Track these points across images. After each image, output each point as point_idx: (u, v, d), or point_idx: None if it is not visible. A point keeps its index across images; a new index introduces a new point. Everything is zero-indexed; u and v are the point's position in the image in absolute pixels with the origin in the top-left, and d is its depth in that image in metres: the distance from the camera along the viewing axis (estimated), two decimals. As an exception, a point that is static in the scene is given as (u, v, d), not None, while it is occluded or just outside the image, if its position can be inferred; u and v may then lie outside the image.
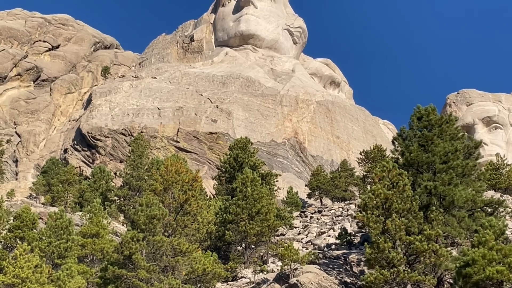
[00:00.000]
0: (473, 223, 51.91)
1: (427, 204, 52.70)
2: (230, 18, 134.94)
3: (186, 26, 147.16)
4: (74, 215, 78.96)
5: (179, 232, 52.67)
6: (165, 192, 54.50)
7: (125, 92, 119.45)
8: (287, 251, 55.54)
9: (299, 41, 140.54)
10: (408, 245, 47.71)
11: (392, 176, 51.01)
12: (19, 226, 63.24)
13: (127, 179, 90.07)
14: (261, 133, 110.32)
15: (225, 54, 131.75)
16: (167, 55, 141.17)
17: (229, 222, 63.53)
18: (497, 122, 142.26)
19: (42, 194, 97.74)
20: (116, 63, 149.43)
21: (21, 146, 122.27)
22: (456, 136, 57.45)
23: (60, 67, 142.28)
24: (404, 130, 59.59)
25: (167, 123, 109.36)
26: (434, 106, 58.88)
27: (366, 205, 49.99)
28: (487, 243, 42.89)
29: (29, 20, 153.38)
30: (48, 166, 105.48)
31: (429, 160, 55.23)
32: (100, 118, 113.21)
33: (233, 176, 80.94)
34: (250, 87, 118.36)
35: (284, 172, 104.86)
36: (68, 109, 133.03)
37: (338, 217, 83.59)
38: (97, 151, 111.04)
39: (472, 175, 56.87)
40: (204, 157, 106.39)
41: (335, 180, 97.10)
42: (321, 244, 70.20)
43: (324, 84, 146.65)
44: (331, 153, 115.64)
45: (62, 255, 57.43)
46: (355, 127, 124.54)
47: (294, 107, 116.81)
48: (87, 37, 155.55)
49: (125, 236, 50.15)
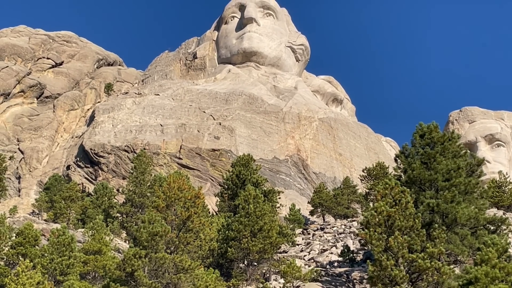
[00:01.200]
0: (476, 241, 51.85)
1: (429, 221, 52.67)
2: (233, 35, 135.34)
3: (189, 43, 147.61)
4: (77, 232, 78.91)
5: (182, 249, 52.63)
6: (168, 209, 54.52)
7: (128, 109, 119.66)
8: (290, 268, 55.49)
9: (302, 59, 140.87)
10: (411, 263, 47.64)
11: (395, 193, 51.01)
12: (21, 242, 63.29)
13: (129, 195, 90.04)
14: (263, 150, 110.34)
15: (228, 71, 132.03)
16: (170, 72, 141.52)
17: (231, 239, 63.42)
18: (500, 140, 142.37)
19: (45, 211, 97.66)
20: (119, 80, 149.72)
21: (24, 163, 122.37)
22: (458, 154, 57.52)
23: (63, 84, 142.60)
24: (406, 148, 59.68)
25: (169, 140, 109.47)
26: (436, 124, 59.01)
27: (369, 223, 49.98)
28: (490, 261, 42.79)
29: (33, 37, 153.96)
30: (51, 182, 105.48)
31: (431, 177, 55.27)
32: (103, 135, 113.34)
33: (236, 193, 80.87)
34: (253, 104, 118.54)
35: (287, 189, 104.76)
36: (71, 125, 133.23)
37: (341, 234, 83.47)
38: (100, 168, 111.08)
39: (475, 193, 56.88)
40: (206, 174, 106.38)
41: (337, 197, 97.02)
42: (324, 262, 70.08)
43: (327, 101, 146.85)
44: (333, 170, 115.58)
45: (64, 272, 57.37)
46: (358, 144, 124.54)
47: (297, 124, 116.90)
48: (90, 54, 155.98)
49: (127, 253, 50.12)
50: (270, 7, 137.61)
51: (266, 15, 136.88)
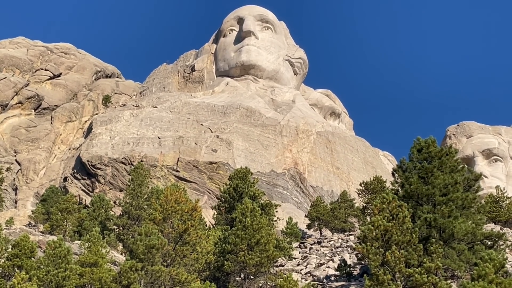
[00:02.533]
0: (473, 256, 51.82)
1: (426, 236, 52.65)
2: (231, 48, 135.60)
3: (187, 56, 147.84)
4: (73, 244, 78.64)
5: (178, 262, 52.55)
6: (165, 221, 54.47)
7: (125, 121, 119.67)
8: (286, 282, 55.33)
9: (300, 72, 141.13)
10: (408, 278, 47.58)
11: (392, 207, 51.01)
12: (17, 254, 63.01)
13: (126, 208, 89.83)
14: (261, 163, 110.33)
15: (226, 84, 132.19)
16: (168, 85, 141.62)
17: (228, 252, 63.29)
18: (497, 155, 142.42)
19: (41, 223, 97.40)
20: (117, 92, 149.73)
21: (21, 174, 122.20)
22: (456, 169, 57.56)
23: (61, 96, 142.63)
24: (404, 162, 59.73)
25: (167, 152, 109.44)
26: (434, 138, 59.10)
27: (366, 237, 49.94)
28: (487, 276, 42.75)
29: (31, 49, 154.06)
30: (48, 194, 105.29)
31: (429, 192, 55.27)
32: (100, 147, 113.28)
33: (233, 206, 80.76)
34: (251, 117, 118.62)
35: (284, 202, 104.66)
36: (68, 137, 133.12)
37: (338, 248, 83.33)
38: (97, 180, 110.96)
39: (472, 208, 56.88)
40: (204, 187, 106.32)
41: (334, 211, 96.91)
42: (320, 276, 69.92)
43: (325, 115, 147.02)
44: (331, 184, 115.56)
45: (60, 284, 57.13)
46: (355, 158, 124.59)
47: (294, 138, 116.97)
48: (88, 66, 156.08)
49: (123, 266, 50.01)
50: (269, 21, 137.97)
51: (265, 29, 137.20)
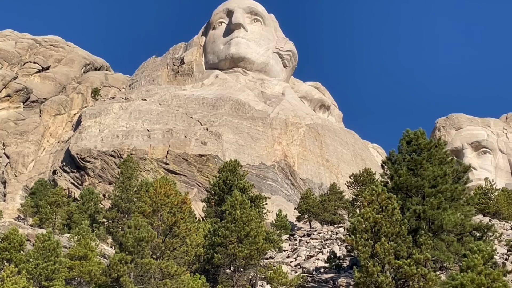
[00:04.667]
0: (462, 247, 52.03)
1: (416, 228, 52.81)
2: (220, 41, 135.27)
3: (176, 48, 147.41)
4: (62, 237, 78.47)
5: (168, 254, 52.52)
6: (154, 214, 54.40)
7: (114, 114, 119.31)
8: (276, 274, 55.47)
9: (289, 64, 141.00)
10: (397, 269, 47.71)
11: (381, 199, 51.11)
12: (6, 247, 62.91)
13: (116, 201, 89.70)
14: (250, 155, 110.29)
15: (215, 76, 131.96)
16: (157, 77, 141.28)
17: (217, 245, 63.28)
18: (486, 147, 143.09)
19: (30, 216, 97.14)
20: (106, 84, 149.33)
21: (10, 167, 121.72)
22: (445, 160, 57.73)
23: (50, 89, 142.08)
24: (393, 154, 59.83)
25: (156, 145, 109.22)
26: (423, 130, 59.21)
27: (355, 229, 50.04)
28: (476, 268, 42.91)
29: (20, 41, 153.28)
30: (37, 187, 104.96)
31: (418, 184, 55.43)
32: (89, 140, 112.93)
33: (222, 199, 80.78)
34: (240, 109, 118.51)
35: (274, 195, 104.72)
36: (57, 130, 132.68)
37: (327, 240, 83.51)
38: (86, 173, 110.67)
39: (461, 200, 57.11)
40: (193, 180, 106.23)
41: (324, 204, 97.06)
42: (310, 268, 70.05)
43: (314, 107, 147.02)
44: (320, 176, 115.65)
45: (50, 277, 57.03)
46: (345, 151, 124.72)
47: (284, 130, 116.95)
48: (77, 58, 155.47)
49: (113, 259, 49.96)
50: (258, 13, 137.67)
51: (254, 21, 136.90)
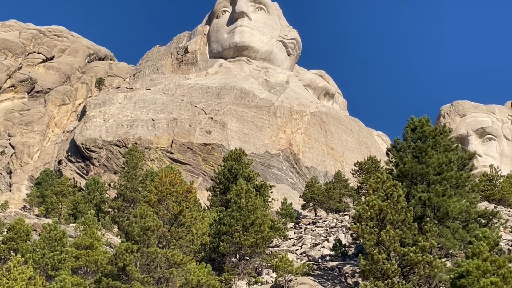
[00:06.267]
0: (467, 234, 52.01)
1: (421, 215, 52.80)
2: (224, 29, 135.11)
3: (180, 37, 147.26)
4: (68, 227, 78.75)
5: (173, 243, 52.59)
6: (159, 203, 54.45)
7: (119, 104, 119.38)
8: (282, 262, 55.53)
9: (293, 53, 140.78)
10: (403, 257, 47.73)
11: (386, 187, 51.08)
12: (12, 237, 63.14)
13: (121, 190, 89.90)
14: (255, 144, 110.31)
15: (219, 65, 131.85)
16: (161, 67, 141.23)
17: (223, 234, 63.42)
18: (491, 134, 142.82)
19: (36, 206, 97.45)
20: (111, 74, 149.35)
21: (15, 158, 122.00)
22: (450, 148, 57.62)
23: (54, 79, 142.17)
24: (398, 142, 59.73)
25: (161, 135, 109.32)
26: (428, 118, 59.06)
27: (361, 216, 50.04)
28: (481, 254, 42.89)
29: (24, 32, 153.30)
30: (42, 177, 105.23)
31: (423, 171, 55.36)
32: (94, 130, 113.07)
33: (228, 188, 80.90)
34: (245, 98, 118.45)
35: (279, 183, 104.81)
36: (62, 120, 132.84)
37: (333, 228, 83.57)
38: (91, 163, 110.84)
39: (466, 187, 57.01)
40: (198, 169, 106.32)
41: (329, 192, 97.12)
42: (316, 256, 70.15)
43: (318, 95, 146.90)
44: (325, 164, 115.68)
45: (56, 267, 57.28)
46: (349, 139, 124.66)
47: (288, 119, 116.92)
48: (81, 48, 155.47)
49: (119, 248, 50.05)
50: (262, 2, 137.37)
51: (258, 9, 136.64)
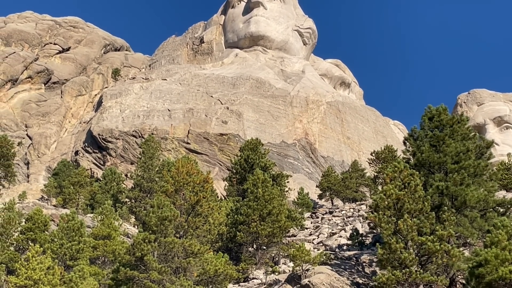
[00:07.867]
0: (485, 223, 51.72)
1: (439, 204, 52.54)
2: (239, 19, 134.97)
3: (196, 27, 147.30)
4: (86, 217, 79.19)
5: (191, 233, 52.69)
6: (176, 193, 54.51)
7: (135, 94, 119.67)
8: (299, 252, 55.49)
9: (309, 42, 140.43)
10: (420, 246, 47.58)
11: (404, 176, 50.88)
12: (31, 228, 63.58)
13: (138, 180, 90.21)
14: (271, 134, 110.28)
15: (235, 55, 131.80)
16: (177, 57, 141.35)
17: (240, 223, 63.53)
18: (508, 122, 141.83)
19: (54, 196, 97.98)
20: (127, 65, 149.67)
21: (33, 149, 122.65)
22: (467, 136, 57.25)
23: (70, 70, 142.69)
24: (415, 130, 59.39)
25: (177, 125, 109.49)
26: (445, 106, 58.67)
27: (378, 206, 49.89)
28: (500, 243, 42.72)
29: (40, 23, 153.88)
30: (59, 168, 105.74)
31: (440, 160, 55.05)
32: (110, 120, 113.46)
33: (244, 177, 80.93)
34: (260, 88, 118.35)
35: (295, 173, 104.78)
36: (79, 111, 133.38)
37: (349, 217, 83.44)
38: (108, 153, 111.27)
39: (484, 175, 56.64)
40: (214, 159, 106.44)
41: (346, 181, 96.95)
42: (333, 245, 70.09)
43: (334, 85, 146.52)
44: (341, 154, 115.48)
45: (74, 257, 57.65)
46: (366, 128, 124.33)
47: (305, 108, 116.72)
48: (97, 39, 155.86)
49: (136, 238, 50.22)
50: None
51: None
